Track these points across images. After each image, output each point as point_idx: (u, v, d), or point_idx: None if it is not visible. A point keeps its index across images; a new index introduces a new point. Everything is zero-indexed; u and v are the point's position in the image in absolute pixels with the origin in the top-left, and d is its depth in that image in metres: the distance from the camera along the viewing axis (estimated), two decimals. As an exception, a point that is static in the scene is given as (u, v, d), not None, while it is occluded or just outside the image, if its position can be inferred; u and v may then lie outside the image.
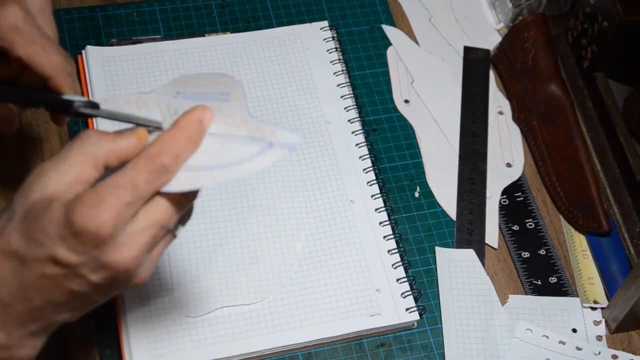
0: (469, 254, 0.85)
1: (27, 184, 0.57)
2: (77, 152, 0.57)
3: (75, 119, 0.87)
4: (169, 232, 0.60)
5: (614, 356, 0.81)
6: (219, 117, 0.61)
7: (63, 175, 0.56)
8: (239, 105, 0.61)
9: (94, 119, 0.84)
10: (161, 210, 0.57)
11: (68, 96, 0.66)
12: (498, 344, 0.80)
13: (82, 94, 0.78)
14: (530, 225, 0.88)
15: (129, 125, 0.61)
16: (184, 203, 0.59)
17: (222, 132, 0.61)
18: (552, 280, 0.85)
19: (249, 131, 0.61)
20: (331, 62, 0.94)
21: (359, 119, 0.91)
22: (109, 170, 0.58)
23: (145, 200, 0.57)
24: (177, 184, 0.58)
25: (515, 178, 0.92)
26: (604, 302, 0.84)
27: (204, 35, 0.95)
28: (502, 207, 0.90)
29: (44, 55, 0.66)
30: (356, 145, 0.89)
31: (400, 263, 0.83)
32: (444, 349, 0.80)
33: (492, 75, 0.99)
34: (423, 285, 0.84)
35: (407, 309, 0.80)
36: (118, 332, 0.76)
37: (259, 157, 0.60)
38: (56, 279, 0.56)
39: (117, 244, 0.56)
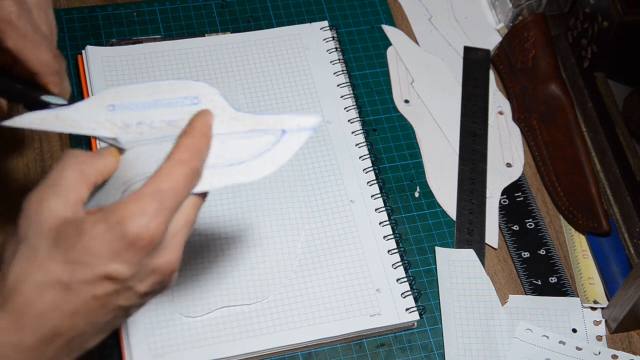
0: (469, 254, 0.85)
1: (30, 212, 0.56)
2: (70, 173, 0.57)
3: None
4: None
5: (614, 356, 0.81)
6: None
7: (66, 198, 0.56)
8: (218, 107, 0.61)
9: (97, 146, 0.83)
10: (190, 208, 0.59)
11: (47, 97, 0.66)
12: (498, 344, 0.80)
13: (73, 93, 0.77)
14: (530, 225, 0.88)
15: None
16: (204, 199, 0.60)
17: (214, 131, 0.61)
18: (552, 280, 0.85)
19: (244, 125, 0.61)
20: (331, 62, 0.94)
21: (359, 119, 0.91)
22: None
23: (181, 203, 0.58)
24: (206, 184, 0.60)
25: (515, 178, 0.92)
26: (604, 302, 0.84)
27: (204, 35, 0.95)
28: (502, 207, 0.90)
29: (33, 51, 0.66)
30: (356, 145, 0.89)
31: (400, 263, 0.83)
32: (444, 349, 0.80)
33: (492, 75, 0.99)
34: (423, 285, 0.84)
35: (407, 309, 0.80)
36: (118, 332, 0.76)
37: (279, 145, 0.61)
38: (106, 297, 0.56)
39: (163, 248, 0.57)
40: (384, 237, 0.84)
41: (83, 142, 0.86)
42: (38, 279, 0.54)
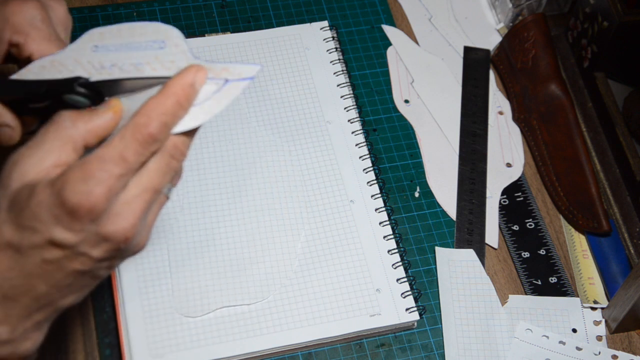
0: (469, 254, 0.85)
1: (5, 174, 0.56)
2: (53, 136, 0.56)
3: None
4: (162, 195, 0.59)
5: (614, 356, 0.81)
6: (158, 64, 0.60)
7: (41, 161, 0.55)
8: (179, 51, 0.60)
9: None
10: (151, 175, 0.57)
11: (70, 96, 0.65)
12: (498, 344, 0.80)
13: None
14: (530, 225, 0.88)
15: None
16: (172, 165, 0.58)
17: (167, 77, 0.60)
18: (552, 280, 0.85)
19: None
20: (331, 62, 0.94)
21: (359, 119, 0.91)
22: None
23: (135, 170, 0.56)
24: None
25: (515, 178, 0.92)
26: (604, 302, 0.84)
27: (204, 35, 0.95)
28: (502, 207, 0.90)
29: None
30: (356, 145, 0.89)
31: (400, 263, 0.83)
32: (444, 349, 0.80)
33: (492, 75, 0.99)
34: (423, 285, 0.84)
35: (407, 309, 0.80)
36: (118, 333, 0.76)
37: (219, 94, 0.59)
38: (58, 262, 0.56)
39: (113, 215, 0.55)
40: (384, 237, 0.84)
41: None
42: None
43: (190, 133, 0.59)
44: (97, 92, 0.61)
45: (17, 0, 0.64)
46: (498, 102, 0.97)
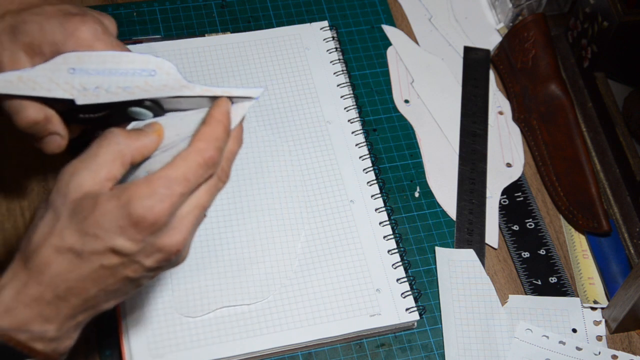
0: (469, 254, 0.85)
1: (62, 183, 0.61)
2: (106, 150, 0.61)
3: None
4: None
5: (614, 356, 0.81)
6: (152, 90, 0.64)
7: (96, 174, 0.60)
8: (172, 78, 0.64)
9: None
10: (202, 194, 0.62)
11: (135, 109, 0.68)
12: (498, 344, 0.80)
13: None
14: (530, 225, 0.88)
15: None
16: (219, 186, 0.64)
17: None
18: (552, 280, 0.85)
19: (193, 92, 0.64)
20: (331, 62, 0.94)
21: (359, 119, 0.91)
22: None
23: (193, 190, 0.62)
24: None
25: (515, 178, 0.92)
26: (604, 302, 0.84)
27: (204, 35, 0.95)
28: (502, 207, 0.90)
29: None
30: (356, 145, 0.89)
31: (400, 263, 0.83)
32: (444, 349, 0.80)
33: (492, 75, 0.99)
34: (423, 285, 0.84)
35: (407, 309, 0.80)
36: (118, 333, 0.76)
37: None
38: (114, 268, 0.60)
39: (170, 229, 0.60)
40: (384, 237, 0.84)
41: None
42: (55, 244, 0.59)
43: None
44: (160, 107, 0.66)
45: (78, 16, 0.69)
46: (498, 102, 0.97)
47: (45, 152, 0.71)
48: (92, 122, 0.69)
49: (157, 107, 0.66)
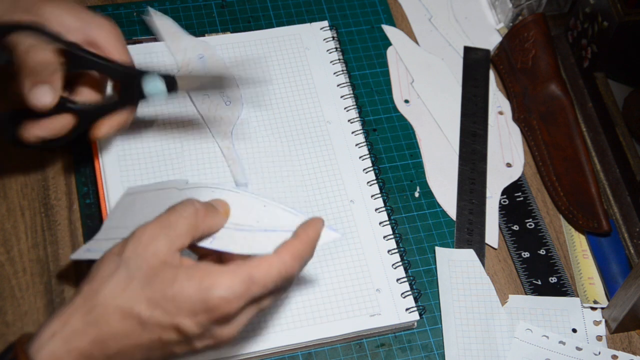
0: (469, 254, 0.85)
1: (141, 245, 0.61)
2: (185, 222, 0.63)
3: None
4: None
5: (614, 356, 0.81)
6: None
7: (172, 244, 0.62)
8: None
9: (99, 159, 0.84)
10: (269, 300, 0.65)
11: (147, 77, 0.75)
12: (498, 344, 0.80)
13: None
14: (530, 225, 0.88)
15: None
16: (280, 299, 0.67)
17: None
18: (552, 280, 0.85)
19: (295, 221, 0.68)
20: (331, 62, 0.94)
21: (359, 119, 0.91)
22: None
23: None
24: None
25: (515, 178, 0.92)
26: (604, 302, 0.84)
27: (204, 35, 0.95)
28: (502, 207, 0.90)
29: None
30: (356, 145, 0.89)
31: (400, 263, 0.83)
32: (444, 349, 0.80)
33: (492, 75, 0.99)
34: (423, 285, 0.84)
35: (407, 309, 0.80)
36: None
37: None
38: (168, 344, 0.61)
39: (232, 322, 0.63)
40: (384, 237, 0.84)
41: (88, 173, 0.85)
42: (123, 306, 0.60)
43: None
44: (173, 81, 0.70)
45: (97, 18, 0.75)
46: (498, 102, 0.97)
47: (31, 104, 0.71)
48: (81, 113, 0.72)
49: (170, 80, 0.69)
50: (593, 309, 0.84)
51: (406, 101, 0.95)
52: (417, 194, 0.89)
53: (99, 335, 0.60)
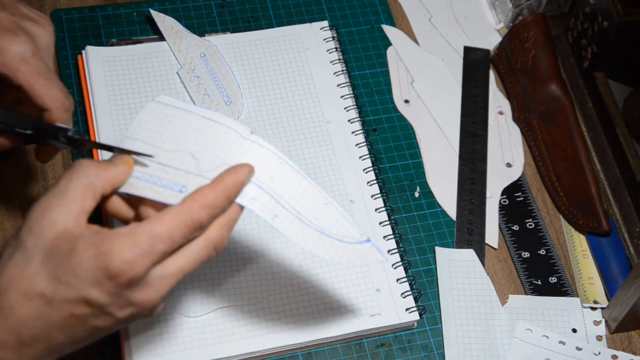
0: (469, 254, 0.85)
1: (33, 220, 0.58)
2: (77, 184, 0.59)
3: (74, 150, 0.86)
4: None
5: (614, 356, 0.81)
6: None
7: (69, 209, 0.58)
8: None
9: (99, 151, 0.84)
10: (189, 259, 0.60)
11: (62, 125, 0.68)
12: (498, 344, 0.80)
13: (74, 97, 0.82)
14: (530, 225, 0.88)
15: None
16: (212, 256, 0.62)
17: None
18: (552, 280, 0.85)
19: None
20: (331, 62, 0.94)
21: (359, 119, 0.91)
22: None
23: (176, 249, 0.60)
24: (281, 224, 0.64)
25: (515, 178, 0.92)
26: (604, 302, 0.84)
27: (204, 35, 0.95)
28: (502, 207, 0.90)
29: (46, 87, 0.69)
30: (356, 145, 0.89)
31: (400, 263, 0.83)
32: (444, 349, 0.80)
33: (492, 75, 0.99)
34: (423, 285, 0.84)
35: (407, 309, 0.80)
36: (118, 333, 0.76)
37: (356, 247, 0.66)
38: (84, 318, 0.58)
39: (147, 285, 0.59)
40: (384, 237, 0.84)
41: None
42: (24, 288, 0.57)
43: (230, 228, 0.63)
44: (80, 144, 0.65)
45: (9, 34, 0.67)
46: (498, 102, 0.97)
47: None
48: (25, 137, 0.68)
49: (75, 143, 0.65)
50: (593, 309, 0.84)
51: (406, 101, 0.95)
52: (417, 194, 0.89)
53: (8, 323, 0.57)
